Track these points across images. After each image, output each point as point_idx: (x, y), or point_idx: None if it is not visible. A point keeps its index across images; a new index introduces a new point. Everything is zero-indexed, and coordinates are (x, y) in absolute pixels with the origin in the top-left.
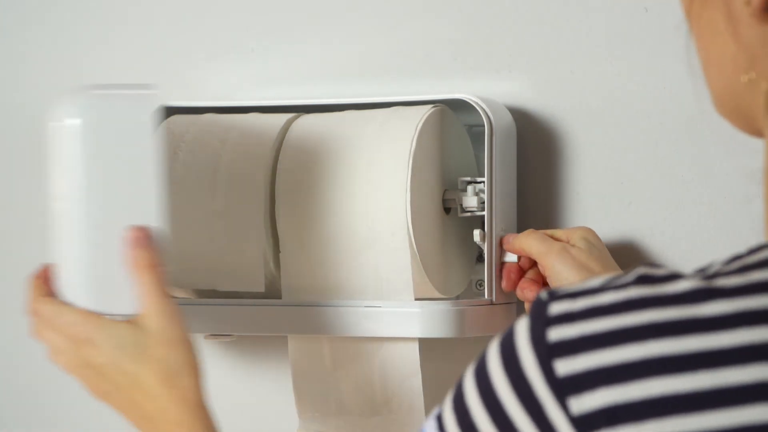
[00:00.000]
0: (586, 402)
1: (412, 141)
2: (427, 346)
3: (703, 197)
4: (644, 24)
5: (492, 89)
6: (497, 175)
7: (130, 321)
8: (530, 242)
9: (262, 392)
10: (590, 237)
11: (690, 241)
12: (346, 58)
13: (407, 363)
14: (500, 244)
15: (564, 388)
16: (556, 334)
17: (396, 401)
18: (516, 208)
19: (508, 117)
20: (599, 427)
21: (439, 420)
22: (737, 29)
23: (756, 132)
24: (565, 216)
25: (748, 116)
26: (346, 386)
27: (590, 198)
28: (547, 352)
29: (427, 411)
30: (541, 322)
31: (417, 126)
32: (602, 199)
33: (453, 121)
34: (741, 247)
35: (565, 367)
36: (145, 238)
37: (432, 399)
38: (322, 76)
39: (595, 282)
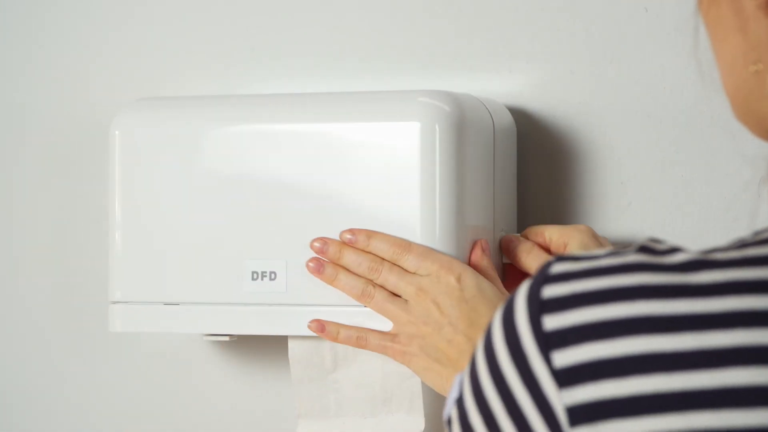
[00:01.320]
0: (570, 356)
1: None
2: None
3: (702, 197)
4: (644, 24)
5: (492, 89)
6: (497, 175)
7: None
8: (530, 263)
9: (262, 392)
10: (587, 240)
11: (690, 241)
12: (345, 58)
13: None
14: (500, 247)
15: (549, 342)
16: (550, 291)
17: (396, 401)
18: (516, 208)
19: (508, 117)
20: (582, 381)
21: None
22: (746, 25)
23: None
24: (565, 216)
25: (759, 116)
26: (346, 386)
27: (590, 198)
28: (538, 308)
29: (427, 411)
30: (540, 280)
31: None
32: (602, 199)
33: None
34: None
35: (552, 321)
36: (483, 250)
37: (432, 399)
38: (321, 75)
39: (602, 250)
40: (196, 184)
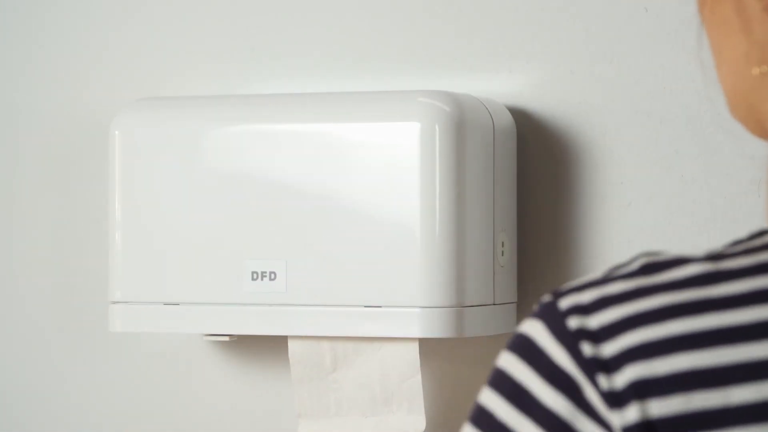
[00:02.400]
0: (614, 380)
1: None
2: (427, 346)
3: (703, 197)
4: (644, 24)
5: (492, 89)
6: (497, 175)
7: None
8: None
9: (262, 392)
10: None
11: (690, 241)
12: (345, 58)
13: (407, 363)
14: None
15: (593, 369)
16: (575, 323)
17: (396, 401)
18: (516, 208)
19: (508, 117)
20: (629, 400)
21: None
22: (749, 25)
23: (766, 134)
24: (564, 216)
25: (759, 116)
26: (346, 386)
27: (590, 198)
28: (571, 340)
29: (427, 411)
30: (557, 317)
31: None
32: (602, 199)
33: None
34: None
35: (590, 350)
36: None
37: (432, 399)
38: (321, 75)
39: (595, 275)
40: (196, 184)
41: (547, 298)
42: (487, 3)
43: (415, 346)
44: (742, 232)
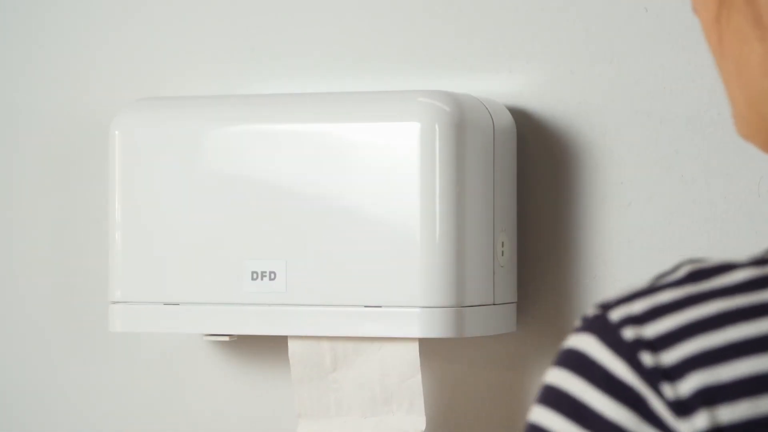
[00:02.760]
0: (679, 388)
1: None
2: (427, 346)
3: (703, 197)
4: (644, 24)
5: (492, 89)
6: (497, 175)
7: None
8: None
9: (262, 392)
10: None
11: (690, 241)
12: (345, 58)
13: (407, 363)
14: None
15: (656, 378)
16: (631, 333)
17: (396, 401)
18: (516, 209)
19: (508, 117)
20: (697, 408)
21: None
22: (765, 34)
23: None
24: (564, 216)
25: None
26: (346, 386)
27: (590, 198)
28: (629, 351)
29: (427, 411)
30: (609, 329)
31: None
32: (602, 199)
33: None
34: (741, 248)
35: (651, 360)
36: None
37: (432, 399)
38: (321, 75)
39: (641, 285)
40: (196, 184)
41: (593, 311)
42: (487, 3)
43: (415, 346)
44: (742, 232)
